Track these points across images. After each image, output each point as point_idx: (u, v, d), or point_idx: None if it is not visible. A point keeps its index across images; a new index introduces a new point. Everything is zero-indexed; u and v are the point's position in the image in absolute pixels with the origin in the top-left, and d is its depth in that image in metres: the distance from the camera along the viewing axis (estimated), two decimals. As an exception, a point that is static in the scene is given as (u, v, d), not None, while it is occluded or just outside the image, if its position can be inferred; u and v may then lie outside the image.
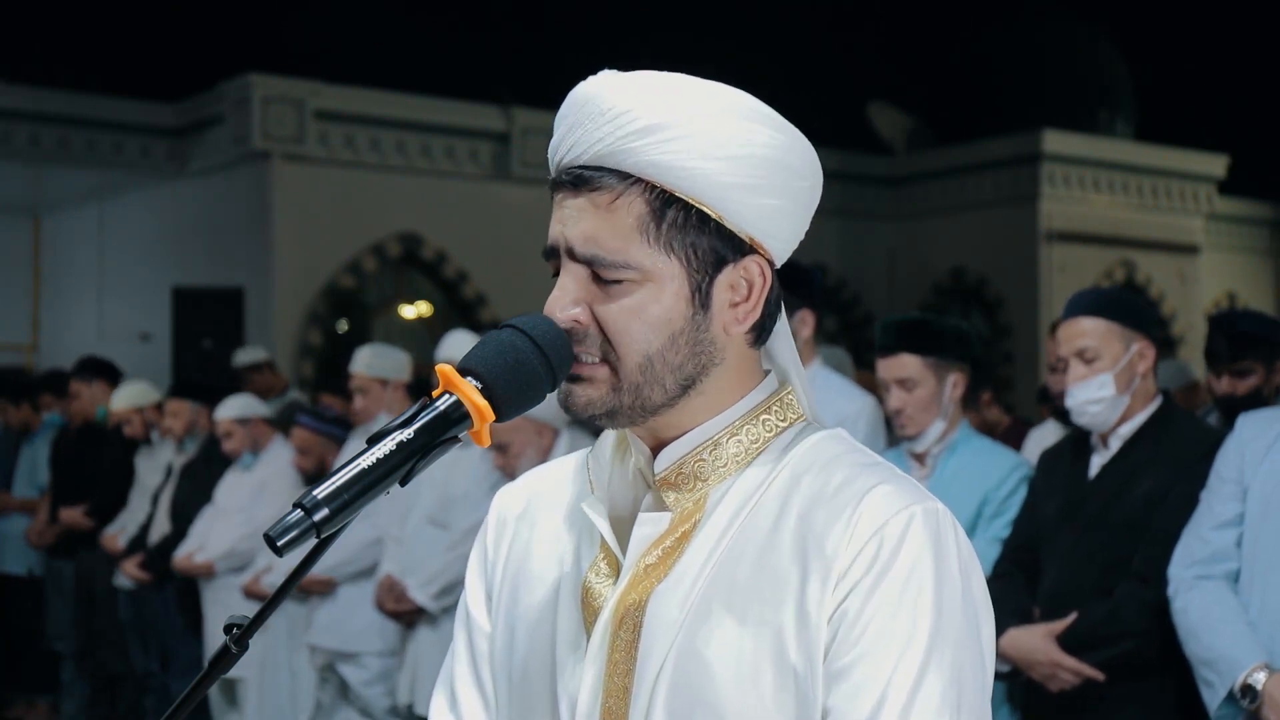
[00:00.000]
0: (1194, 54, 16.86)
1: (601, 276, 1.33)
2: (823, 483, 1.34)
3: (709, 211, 1.33)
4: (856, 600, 1.27)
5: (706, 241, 1.34)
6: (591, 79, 1.37)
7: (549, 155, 1.40)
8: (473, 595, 1.52)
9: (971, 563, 1.32)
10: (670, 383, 1.34)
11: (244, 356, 9.20)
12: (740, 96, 1.35)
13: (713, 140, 1.32)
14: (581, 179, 1.33)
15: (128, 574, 6.89)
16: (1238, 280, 17.37)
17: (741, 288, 1.36)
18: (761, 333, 1.40)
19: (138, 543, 7.05)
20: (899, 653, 1.25)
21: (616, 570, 1.38)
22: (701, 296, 1.34)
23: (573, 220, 1.34)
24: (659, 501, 1.38)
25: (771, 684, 1.28)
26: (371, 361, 5.80)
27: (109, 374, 7.81)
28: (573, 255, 1.34)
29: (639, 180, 1.32)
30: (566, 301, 1.33)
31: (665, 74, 1.35)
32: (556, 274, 1.37)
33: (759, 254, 1.37)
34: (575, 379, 1.35)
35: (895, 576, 1.27)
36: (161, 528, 6.86)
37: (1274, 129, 16.43)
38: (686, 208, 1.33)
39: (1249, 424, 3.09)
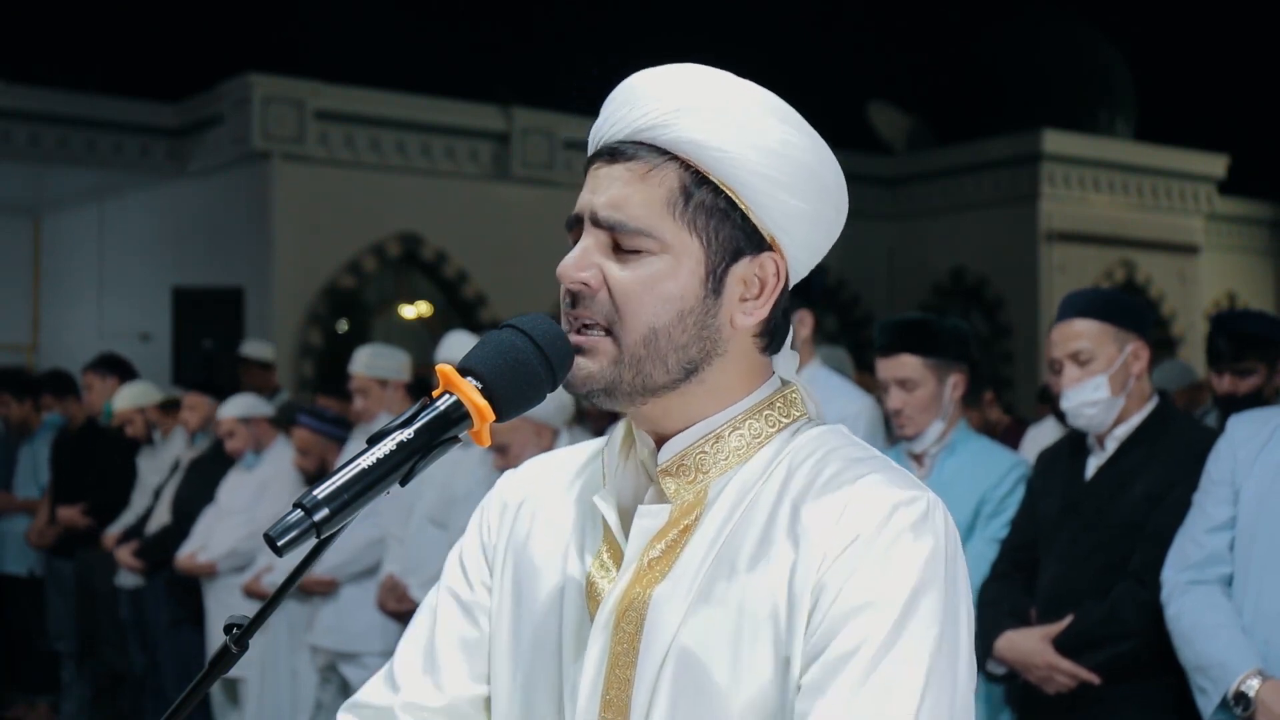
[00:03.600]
0: (1194, 54, 16.86)
1: (621, 245, 1.34)
2: (816, 474, 1.35)
3: (737, 199, 1.35)
4: (835, 576, 1.27)
5: (729, 228, 1.36)
6: (643, 70, 1.40)
7: (589, 138, 1.42)
8: (474, 572, 1.51)
9: (956, 551, 1.32)
10: (673, 362, 1.35)
11: (252, 349, 9.21)
12: (784, 105, 1.38)
13: (752, 130, 1.34)
14: (619, 151, 1.36)
15: (122, 561, 6.89)
16: (1238, 280, 17.38)
17: (754, 284, 1.38)
18: (772, 339, 1.42)
19: (134, 531, 7.06)
20: (870, 619, 1.25)
21: (619, 562, 1.39)
22: (714, 281, 1.35)
23: (603, 187, 1.36)
24: (661, 494, 1.39)
25: (771, 674, 1.29)
26: (371, 362, 5.80)
27: (123, 371, 7.85)
28: (595, 220, 1.35)
29: (675, 158, 1.34)
30: (584, 263, 1.35)
31: (716, 69, 1.39)
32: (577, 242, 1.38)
33: (777, 254, 1.39)
34: (576, 350, 1.35)
35: (876, 550, 1.27)
36: (160, 519, 6.87)
37: (1274, 129, 16.43)
38: (716, 190, 1.35)
39: (1240, 425, 3.07)
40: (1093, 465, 3.37)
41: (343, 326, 12.72)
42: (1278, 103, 16.62)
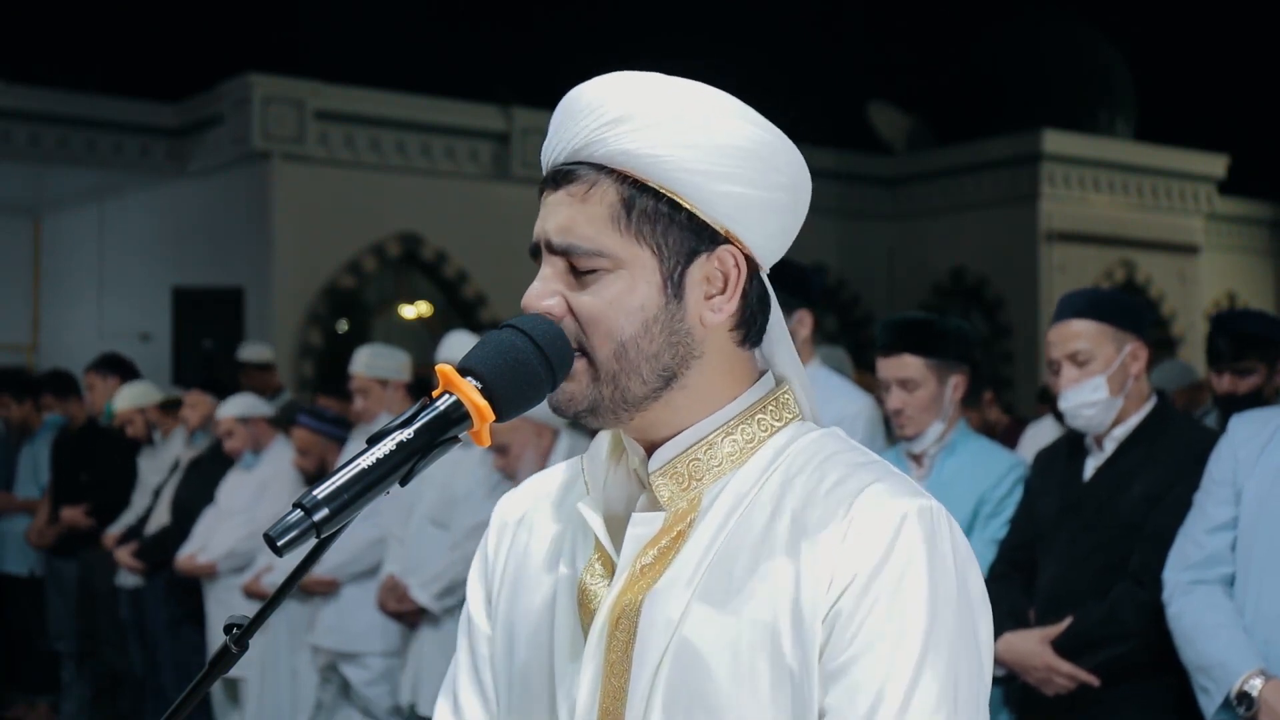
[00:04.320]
0: (1194, 54, 16.86)
1: (577, 267, 1.34)
2: (816, 481, 1.34)
3: (680, 200, 1.34)
4: (850, 600, 1.27)
5: (677, 231, 1.34)
6: (577, 86, 1.39)
7: (541, 162, 1.42)
8: (473, 600, 1.52)
9: (968, 560, 1.32)
10: (648, 372, 1.34)
11: (250, 352, 9.21)
12: (722, 96, 1.36)
13: (683, 128, 1.33)
14: (561, 174, 1.36)
15: (121, 561, 6.90)
16: (1238, 280, 17.38)
17: (717, 279, 1.36)
18: (749, 331, 1.40)
19: (134, 532, 7.06)
20: (893, 651, 1.25)
21: (612, 571, 1.38)
22: (674, 286, 1.34)
23: (551, 215, 1.36)
24: (653, 501, 1.39)
25: (768, 683, 1.28)
26: (371, 362, 5.81)
27: (125, 371, 7.86)
28: (550, 247, 1.36)
29: (612, 171, 1.34)
30: (545, 292, 1.35)
31: (646, 73, 1.38)
32: None
33: (734, 245, 1.37)
34: None
35: (889, 575, 1.27)
36: (160, 519, 6.87)
37: (1274, 129, 16.43)
38: (657, 196, 1.34)
39: (1242, 425, 3.06)
40: (1091, 466, 3.36)
41: (343, 326, 12.73)
42: (1278, 103, 16.62)
